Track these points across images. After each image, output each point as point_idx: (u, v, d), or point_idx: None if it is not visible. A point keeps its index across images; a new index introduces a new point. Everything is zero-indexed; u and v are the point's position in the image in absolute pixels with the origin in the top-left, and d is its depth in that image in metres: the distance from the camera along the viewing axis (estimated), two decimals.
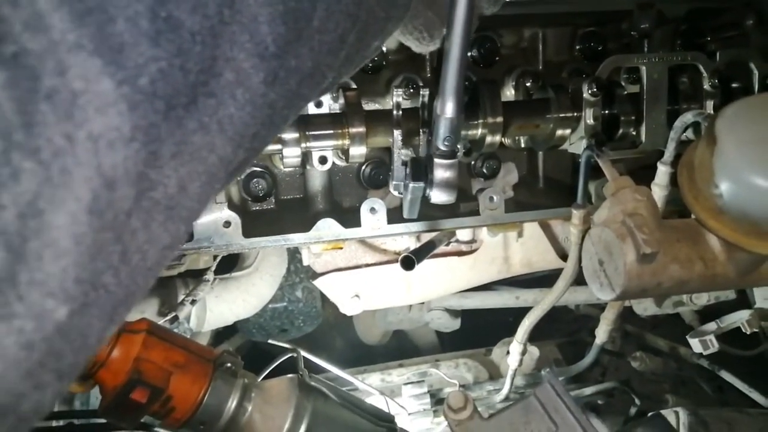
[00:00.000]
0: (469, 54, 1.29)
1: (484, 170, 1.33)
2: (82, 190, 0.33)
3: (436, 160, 0.87)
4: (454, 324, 1.80)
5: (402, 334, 2.09)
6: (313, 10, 0.48)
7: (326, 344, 2.10)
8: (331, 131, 1.11)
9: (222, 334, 1.88)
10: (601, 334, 1.28)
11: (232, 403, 0.96)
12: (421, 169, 0.96)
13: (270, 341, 1.26)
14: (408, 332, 2.09)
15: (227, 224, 1.16)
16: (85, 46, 0.33)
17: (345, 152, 1.14)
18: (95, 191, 0.34)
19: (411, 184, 0.96)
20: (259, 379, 1.05)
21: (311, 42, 0.49)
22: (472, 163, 1.34)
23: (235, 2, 0.42)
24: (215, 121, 0.42)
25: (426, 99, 1.06)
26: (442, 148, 0.84)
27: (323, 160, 1.14)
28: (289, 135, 1.07)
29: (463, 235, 1.44)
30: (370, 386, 1.43)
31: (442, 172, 0.87)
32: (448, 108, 0.80)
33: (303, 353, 1.16)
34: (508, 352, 1.33)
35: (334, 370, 1.30)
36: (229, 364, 0.99)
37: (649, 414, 1.19)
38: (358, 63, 0.64)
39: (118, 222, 0.37)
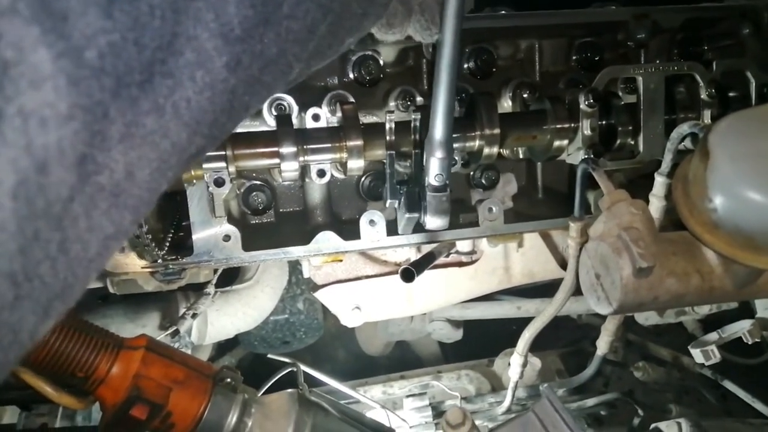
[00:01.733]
0: (465, 66, 1.30)
1: (483, 181, 1.33)
2: (6, 171, 0.30)
3: (429, 194, 0.94)
4: (456, 334, 1.80)
5: (404, 345, 2.09)
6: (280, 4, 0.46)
7: (328, 356, 2.09)
8: (329, 144, 1.11)
9: (224, 347, 1.88)
10: (602, 345, 1.28)
11: (231, 419, 0.96)
12: (414, 200, 1.01)
13: (269, 356, 1.26)
14: (410, 343, 2.08)
15: (227, 238, 1.16)
16: (20, 11, 0.30)
17: (343, 165, 1.15)
18: (23, 174, 0.31)
19: (406, 215, 1.02)
20: (259, 394, 1.05)
21: (278, 28, 0.47)
22: (471, 174, 1.34)
23: None
24: (171, 104, 0.39)
25: (418, 123, 1.08)
26: (434, 183, 0.91)
27: (321, 173, 1.15)
28: (287, 149, 1.08)
29: (463, 246, 1.44)
30: (371, 399, 1.42)
31: (435, 203, 0.95)
32: (438, 152, 0.88)
33: (303, 367, 1.16)
34: (509, 364, 1.33)
35: (335, 383, 1.30)
36: (228, 380, 0.99)
37: (650, 428, 1.18)
38: (329, 56, 0.62)
39: (54, 209, 0.33)
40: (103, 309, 1.44)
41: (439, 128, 0.86)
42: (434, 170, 0.91)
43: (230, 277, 1.56)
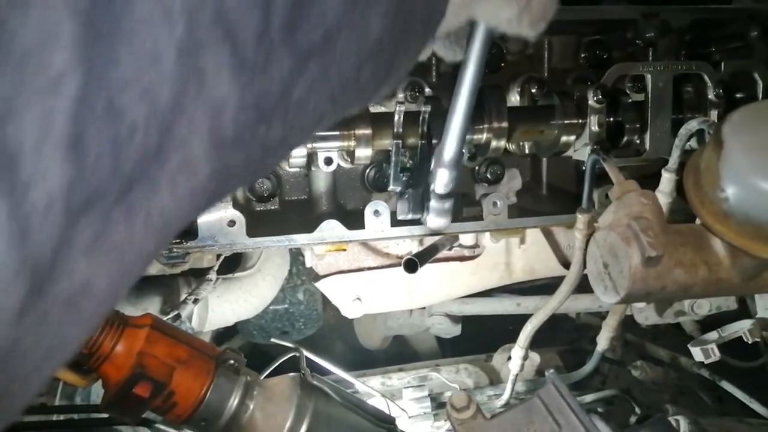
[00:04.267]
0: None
1: (488, 175, 1.33)
2: None
3: (434, 200, 0.94)
4: (455, 330, 1.80)
5: (402, 339, 2.09)
6: (288, 93, 0.40)
7: (326, 347, 2.09)
8: (337, 132, 1.12)
9: (223, 335, 1.88)
10: (603, 341, 1.29)
11: (234, 401, 0.96)
12: (418, 201, 1.02)
13: (273, 340, 1.26)
14: (408, 337, 2.08)
15: (232, 223, 1.16)
16: None
17: (350, 154, 1.15)
18: None
19: (410, 215, 1.03)
20: (261, 378, 1.05)
21: (284, 119, 0.41)
22: (476, 168, 1.34)
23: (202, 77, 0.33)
24: (144, 214, 0.34)
25: (427, 116, 1.08)
26: (440, 192, 0.90)
27: (328, 161, 1.15)
28: None
29: (465, 239, 1.45)
30: (372, 388, 1.42)
31: (438, 207, 0.95)
32: (446, 167, 0.86)
33: (305, 353, 1.16)
34: (509, 358, 1.33)
35: (336, 370, 1.30)
36: (231, 361, 0.99)
37: (654, 417, 1.18)
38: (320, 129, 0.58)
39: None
40: None
41: (450, 147, 0.84)
42: (442, 180, 0.91)
43: (232, 264, 1.56)
